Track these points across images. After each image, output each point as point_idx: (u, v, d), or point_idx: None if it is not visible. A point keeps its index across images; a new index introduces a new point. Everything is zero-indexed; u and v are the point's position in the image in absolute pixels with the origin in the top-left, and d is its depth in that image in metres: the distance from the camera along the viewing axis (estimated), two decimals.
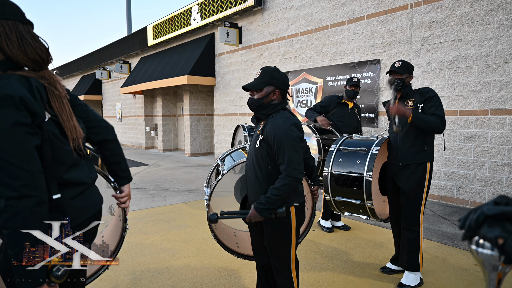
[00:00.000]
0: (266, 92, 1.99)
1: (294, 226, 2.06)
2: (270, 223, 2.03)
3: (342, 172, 3.03)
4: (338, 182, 3.07)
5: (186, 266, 3.34)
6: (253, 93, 2.02)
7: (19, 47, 1.25)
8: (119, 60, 15.68)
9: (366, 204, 2.92)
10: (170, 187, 6.97)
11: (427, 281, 3.03)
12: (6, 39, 1.24)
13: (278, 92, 2.01)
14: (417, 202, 2.90)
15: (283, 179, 1.87)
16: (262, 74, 2.00)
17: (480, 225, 0.77)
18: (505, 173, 4.99)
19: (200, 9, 10.59)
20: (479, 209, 0.78)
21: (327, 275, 3.16)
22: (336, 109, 4.21)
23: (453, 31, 5.47)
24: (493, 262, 0.79)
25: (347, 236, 4.15)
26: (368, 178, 2.82)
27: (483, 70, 5.16)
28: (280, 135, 1.87)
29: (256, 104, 2.00)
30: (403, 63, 2.95)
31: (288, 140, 1.86)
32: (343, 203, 3.11)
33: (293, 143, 1.87)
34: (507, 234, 0.72)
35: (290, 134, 1.87)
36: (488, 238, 0.75)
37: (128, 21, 20.64)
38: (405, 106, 2.89)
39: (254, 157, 2.05)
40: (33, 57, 1.28)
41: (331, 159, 3.11)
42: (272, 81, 1.99)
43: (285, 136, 1.86)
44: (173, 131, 14.34)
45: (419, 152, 2.87)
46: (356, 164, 2.94)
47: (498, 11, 4.98)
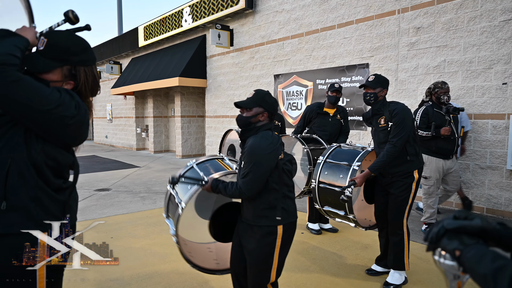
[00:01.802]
0: (255, 112, 2.09)
1: (279, 246, 2.05)
2: (253, 239, 2.04)
3: (327, 184, 3.19)
4: (324, 193, 3.22)
5: (176, 270, 3.38)
6: (243, 110, 2.12)
7: (91, 89, 1.53)
8: (110, 60, 15.60)
9: (349, 216, 3.05)
10: (161, 190, 6.98)
11: (411, 281, 3.13)
12: (86, 83, 1.50)
13: (266, 114, 2.12)
14: (403, 206, 3.00)
15: (235, 188, 2.02)
16: (254, 95, 2.12)
17: (441, 237, 0.84)
18: (488, 176, 5.14)
19: (191, 11, 10.61)
20: (441, 223, 0.85)
21: (315, 276, 3.23)
22: (316, 119, 4.31)
23: (439, 37, 5.60)
24: (453, 271, 0.86)
25: (335, 238, 4.24)
26: (348, 194, 2.92)
27: (467, 75, 5.30)
28: (248, 154, 1.99)
29: (244, 121, 2.10)
30: (376, 77, 3.02)
31: (252, 156, 1.98)
32: (331, 212, 3.26)
33: (259, 159, 1.97)
34: (463, 247, 0.79)
35: (259, 151, 1.98)
36: (447, 250, 0.82)
37: (119, 22, 20.52)
38: (378, 124, 3.03)
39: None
40: (95, 93, 1.58)
41: (318, 171, 3.28)
42: (262, 103, 2.09)
43: (253, 152, 1.99)
44: (164, 132, 14.32)
45: (403, 164, 2.96)
46: (339, 179, 3.09)
47: (481, 18, 5.12)
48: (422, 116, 4.22)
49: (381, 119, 3.00)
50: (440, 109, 4.24)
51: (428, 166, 4.30)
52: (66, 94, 1.37)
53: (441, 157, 4.29)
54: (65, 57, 1.42)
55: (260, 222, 2.02)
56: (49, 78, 1.40)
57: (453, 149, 4.30)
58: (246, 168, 1.97)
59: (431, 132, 4.15)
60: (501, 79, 4.97)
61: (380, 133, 3.03)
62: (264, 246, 2.02)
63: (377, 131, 3.07)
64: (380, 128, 3.01)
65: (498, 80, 4.99)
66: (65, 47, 1.42)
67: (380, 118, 3.01)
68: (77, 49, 1.45)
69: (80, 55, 1.46)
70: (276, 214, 2.02)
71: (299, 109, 8.07)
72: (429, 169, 4.31)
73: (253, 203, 2.04)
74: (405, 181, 2.96)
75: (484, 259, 0.74)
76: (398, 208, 2.99)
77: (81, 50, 1.47)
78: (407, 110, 2.95)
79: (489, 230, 0.81)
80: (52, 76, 1.41)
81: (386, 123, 2.95)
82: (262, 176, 1.96)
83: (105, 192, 6.76)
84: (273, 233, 2.02)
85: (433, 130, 4.14)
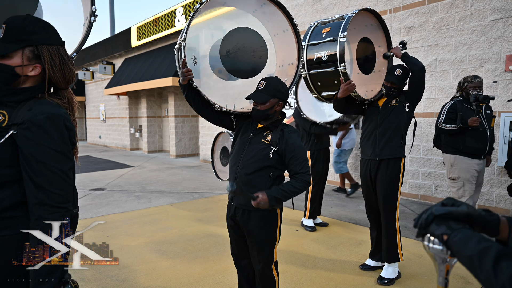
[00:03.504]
0: (271, 104, 2.09)
1: (279, 226, 2.21)
2: (257, 224, 2.13)
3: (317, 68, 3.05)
4: (317, 78, 3.10)
5: (172, 266, 3.40)
6: (257, 104, 2.10)
7: (60, 70, 1.40)
8: (103, 61, 15.52)
9: (339, 69, 2.87)
10: (156, 189, 6.99)
11: (404, 276, 3.19)
12: (52, 63, 1.37)
13: (282, 104, 2.14)
14: (393, 197, 3.08)
15: (301, 184, 2.06)
16: (267, 86, 2.08)
17: (430, 223, 0.88)
18: None
19: (184, 11, 10.61)
20: (429, 209, 0.90)
21: (310, 272, 3.28)
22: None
23: (430, 36, 5.69)
24: (442, 255, 0.91)
25: (330, 235, 4.29)
26: (342, 40, 2.82)
27: (458, 74, 5.39)
28: (299, 151, 2.10)
29: (261, 115, 2.11)
30: (404, 71, 3.09)
31: (303, 153, 2.12)
32: (318, 77, 3.09)
33: (305, 154, 2.13)
34: (451, 231, 0.84)
35: (303, 148, 2.15)
36: (435, 235, 0.87)
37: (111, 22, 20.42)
38: (389, 104, 3.12)
39: (259, 162, 2.11)
40: (68, 78, 1.44)
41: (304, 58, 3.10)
42: (276, 93, 2.09)
43: (302, 151, 2.12)
44: (158, 132, 14.29)
45: (397, 147, 3.06)
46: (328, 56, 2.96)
47: (472, 18, 5.21)
48: (449, 111, 3.69)
49: (393, 100, 3.12)
50: (471, 104, 3.66)
51: (456, 166, 3.75)
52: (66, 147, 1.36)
53: (470, 156, 3.69)
54: (24, 37, 1.33)
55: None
56: (12, 64, 1.32)
57: (484, 148, 3.69)
58: (302, 162, 2.06)
59: (457, 124, 3.60)
60: (492, 77, 5.06)
61: (385, 112, 3.10)
62: (268, 229, 2.16)
63: (381, 111, 3.12)
64: (389, 107, 3.10)
65: (489, 78, 5.08)
66: (21, 27, 1.34)
67: (393, 100, 3.12)
68: (35, 28, 1.36)
69: (40, 33, 1.36)
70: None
71: (292, 108, 8.11)
72: (457, 169, 3.74)
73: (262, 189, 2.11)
74: (395, 165, 3.05)
75: (470, 242, 0.78)
76: (389, 200, 3.07)
77: (40, 28, 1.37)
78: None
79: (474, 216, 0.86)
80: (15, 61, 1.33)
81: (398, 103, 3.08)
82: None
83: (100, 192, 6.75)
84: (275, 216, 2.17)
85: (459, 121, 3.59)
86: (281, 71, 2.59)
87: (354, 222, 4.80)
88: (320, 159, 4.53)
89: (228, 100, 2.40)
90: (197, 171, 9.30)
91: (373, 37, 3.30)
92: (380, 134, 3.08)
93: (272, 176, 2.10)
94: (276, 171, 2.11)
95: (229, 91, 2.44)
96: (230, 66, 2.39)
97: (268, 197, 1.96)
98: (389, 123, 3.07)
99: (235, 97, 2.43)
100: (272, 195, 1.97)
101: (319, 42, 3.04)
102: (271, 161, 2.08)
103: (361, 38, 3.19)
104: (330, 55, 2.93)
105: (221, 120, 2.35)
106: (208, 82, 2.37)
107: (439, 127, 3.76)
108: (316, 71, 3.08)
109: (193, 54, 2.34)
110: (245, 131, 2.23)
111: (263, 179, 2.09)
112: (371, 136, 3.15)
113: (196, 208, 5.58)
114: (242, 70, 2.45)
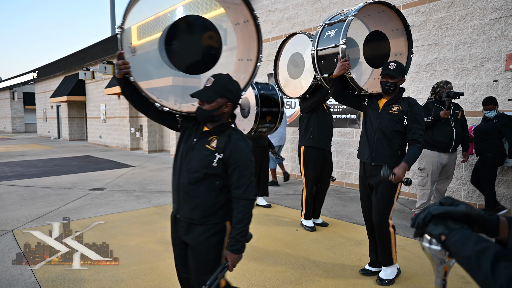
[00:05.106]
0: (218, 104, 1.86)
1: (225, 245, 1.92)
2: (201, 244, 1.90)
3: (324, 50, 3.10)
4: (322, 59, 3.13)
5: (171, 266, 3.37)
6: (203, 102, 1.86)
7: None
8: (103, 60, 15.50)
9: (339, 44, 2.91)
10: (155, 189, 6.98)
11: (404, 276, 3.17)
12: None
13: (231, 105, 1.90)
14: (388, 205, 2.97)
15: (243, 205, 1.81)
16: (215, 84, 1.86)
17: (427, 223, 0.87)
18: None
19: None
20: (427, 209, 0.88)
21: (309, 273, 3.26)
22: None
23: (430, 35, 5.67)
24: (439, 256, 0.89)
25: (329, 235, 4.27)
26: (343, 46, 2.82)
27: (458, 73, 5.37)
28: (245, 162, 1.84)
29: (206, 116, 1.87)
30: (398, 65, 2.85)
31: (249, 165, 1.85)
32: (322, 56, 3.14)
33: (252, 168, 1.86)
34: (449, 231, 0.82)
35: (251, 160, 1.87)
36: (433, 235, 0.85)
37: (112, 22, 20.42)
38: (390, 110, 2.94)
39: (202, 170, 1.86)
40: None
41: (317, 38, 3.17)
42: (225, 93, 1.86)
43: (247, 162, 1.85)
44: (159, 132, 14.29)
45: (393, 157, 2.93)
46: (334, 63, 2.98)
47: (472, 17, 5.19)
48: (423, 108, 4.34)
49: (394, 106, 2.93)
50: (442, 105, 4.42)
51: (424, 159, 4.51)
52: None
53: (438, 150, 4.44)
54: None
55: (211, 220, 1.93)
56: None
57: (450, 142, 4.40)
58: (245, 176, 1.82)
59: (432, 116, 4.33)
60: (492, 76, 5.04)
61: (385, 117, 2.94)
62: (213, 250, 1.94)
63: (381, 114, 2.96)
64: (389, 113, 2.93)
65: (489, 77, 5.06)
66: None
67: (394, 105, 2.94)
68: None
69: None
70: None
71: (292, 108, 8.10)
72: (424, 161, 4.52)
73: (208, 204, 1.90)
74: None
75: (468, 242, 0.76)
76: (383, 208, 2.97)
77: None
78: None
79: (473, 216, 0.84)
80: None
81: (399, 112, 2.89)
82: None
83: (100, 192, 6.74)
84: (223, 231, 1.93)
85: (433, 114, 4.32)
86: (240, 66, 2.33)
87: (354, 222, 4.78)
88: (311, 159, 4.34)
89: (172, 97, 2.15)
90: None
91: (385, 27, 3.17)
92: (378, 139, 2.96)
93: (218, 185, 1.87)
94: (222, 181, 1.87)
95: (175, 88, 2.19)
96: (176, 59, 2.12)
97: (237, 253, 1.79)
98: (388, 130, 2.92)
99: (181, 95, 2.17)
100: (234, 249, 1.78)
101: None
102: (216, 169, 1.84)
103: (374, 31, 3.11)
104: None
105: (164, 119, 2.11)
106: (148, 76, 2.12)
107: None
108: (322, 48, 3.09)
109: (132, 43, 2.06)
110: (190, 135, 1.98)
111: (207, 189, 1.86)
112: (369, 139, 3.03)
113: None
114: (191, 64, 2.15)
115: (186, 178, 1.89)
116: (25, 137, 23.84)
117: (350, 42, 3.06)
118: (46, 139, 22.02)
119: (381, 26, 3.13)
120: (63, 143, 18.71)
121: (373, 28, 3.13)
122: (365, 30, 3.14)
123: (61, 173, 8.97)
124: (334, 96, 3.06)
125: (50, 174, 8.71)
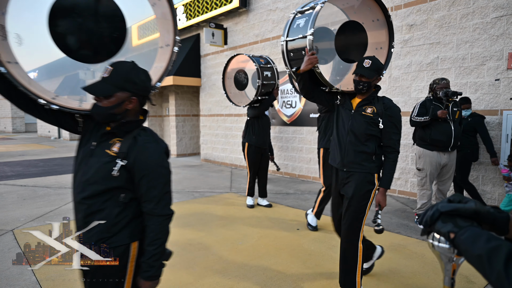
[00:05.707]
0: (118, 99, 1.47)
1: (132, 271, 1.59)
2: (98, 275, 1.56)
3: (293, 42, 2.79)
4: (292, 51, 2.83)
5: (172, 266, 3.37)
6: (100, 99, 1.48)
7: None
8: None
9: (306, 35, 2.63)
10: None
11: (406, 275, 3.15)
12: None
13: (136, 100, 1.52)
14: (360, 215, 2.61)
15: (155, 223, 1.50)
16: (113, 74, 1.46)
17: (435, 220, 0.85)
18: (481, 171, 5.19)
19: (185, 9, 10.58)
20: (435, 206, 0.86)
21: (311, 272, 3.24)
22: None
23: (432, 34, 5.65)
24: (448, 254, 0.87)
25: (330, 234, 4.25)
26: (310, 37, 2.54)
27: (460, 72, 5.35)
28: (155, 170, 1.49)
29: (104, 115, 1.50)
30: (373, 63, 2.53)
31: (161, 174, 1.51)
32: (292, 47, 2.84)
33: (167, 177, 1.54)
34: (458, 229, 0.80)
35: (164, 167, 1.53)
36: (441, 233, 0.83)
37: None
38: (363, 111, 2.61)
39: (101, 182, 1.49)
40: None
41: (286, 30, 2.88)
42: (126, 85, 1.47)
43: (158, 170, 1.50)
44: (159, 131, 14.27)
45: (366, 161, 2.60)
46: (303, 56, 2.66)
47: (474, 15, 5.17)
48: (421, 106, 4.36)
49: (368, 107, 2.60)
50: (440, 103, 4.30)
51: (422, 159, 4.43)
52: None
53: (437, 149, 4.33)
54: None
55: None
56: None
57: (449, 141, 4.28)
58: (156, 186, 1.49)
59: (430, 116, 4.22)
60: (494, 75, 5.02)
61: (358, 118, 2.61)
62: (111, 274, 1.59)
63: (354, 116, 2.63)
64: (362, 115, 2.60)
65: (491, 76, 5.04)
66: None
67: (368, 107, 2.60)
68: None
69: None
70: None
71: (293, 107, 8.08)
72: (422, 161, 4.43)
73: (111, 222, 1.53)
74: (364, 180, 2.60)
75: (478, 240, 0.75)
76: (355, 217, 2.61)
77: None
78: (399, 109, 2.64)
79: (482, 213, 0.82)
80: None
81: (373, 114, 2.57)
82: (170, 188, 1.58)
83: None
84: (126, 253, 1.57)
85: (431, 114, 4.21)
86: (161, 52, 2.04)
87: None
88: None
89: (69, 92, 1.80)
90: (198, 170, 9.27)
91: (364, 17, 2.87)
92: (350, 142, 2.62)
93: (123, 199, 1.50)
94: (128, 193, 1.51)
95: (70, 81, 1.83)
96: (71, 44, 1.72)
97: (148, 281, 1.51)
98: (361, 133, 2.58)
99: (77, 88, 1.77)
100: (146, 275, 1.50)
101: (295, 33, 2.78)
102: (118, 180, 1.47)
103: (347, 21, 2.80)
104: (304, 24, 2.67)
105: (58, 119, 1.67)
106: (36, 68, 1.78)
107: (412, 120, 4.39)
108: (291, 39, 2.78)
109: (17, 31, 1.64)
110: (90, 138, 1.59)
111: (109, 205, 1.49)
112: (340, 141, 2.70)
113: (196, 207, 5.55)
114: (84, 49, 1.75)
115: (82, 192, 1.51)
116: (26, 137, 23.83)
117: (327, 33, 2.79)
118: (46, 139, 22.01)
119: (361, 16, 2.84)
120: (64, 143, 18.70)
121: (353, 18, 2.83)
122: (346, 20, 2.84)
123: (62, 172, 8.95)
124: (302, 93, 2.74)
125: (51, 174, 8.70)
